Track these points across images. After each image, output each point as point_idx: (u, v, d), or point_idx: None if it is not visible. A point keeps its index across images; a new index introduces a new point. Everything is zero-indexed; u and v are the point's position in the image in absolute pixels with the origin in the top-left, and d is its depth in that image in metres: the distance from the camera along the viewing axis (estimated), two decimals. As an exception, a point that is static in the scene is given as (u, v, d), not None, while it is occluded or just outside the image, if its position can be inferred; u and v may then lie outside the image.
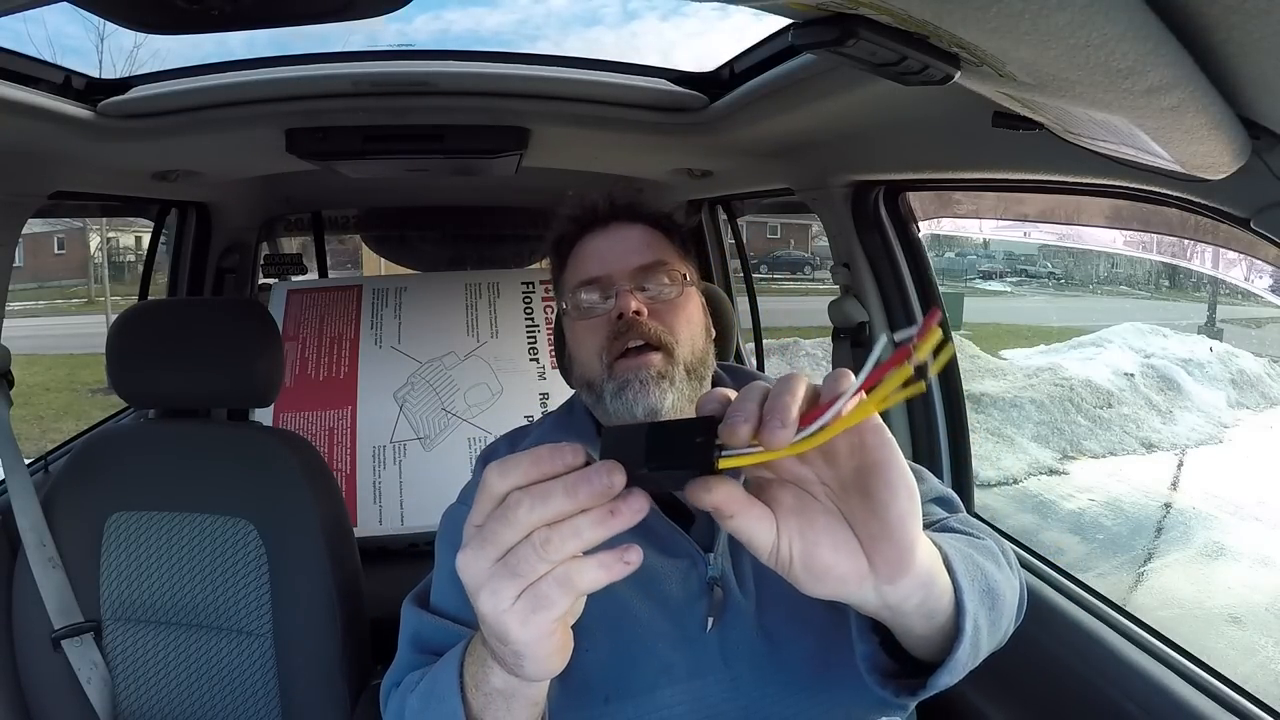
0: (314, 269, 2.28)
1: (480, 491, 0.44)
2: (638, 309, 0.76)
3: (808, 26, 0.45)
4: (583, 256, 0.82)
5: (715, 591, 0.71)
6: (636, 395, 0.73)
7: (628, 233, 0.82)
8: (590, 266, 0.81)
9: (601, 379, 0.76)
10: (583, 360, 0.79)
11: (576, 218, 0.85)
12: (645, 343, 0.75)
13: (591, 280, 0.79)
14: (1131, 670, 0.86)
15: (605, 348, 0.76)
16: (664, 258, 0.81)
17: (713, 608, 0.71)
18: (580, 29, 31.84)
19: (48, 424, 6.68)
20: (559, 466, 0.43)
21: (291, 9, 0.47)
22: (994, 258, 11.22)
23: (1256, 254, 0.76)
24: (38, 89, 0.91)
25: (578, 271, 0.82)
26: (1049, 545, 4.20)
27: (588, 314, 0.79)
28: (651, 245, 0.81)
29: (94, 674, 1.01)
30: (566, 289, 0.82)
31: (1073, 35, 0.37)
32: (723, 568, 0.72)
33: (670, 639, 0.70)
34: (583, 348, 0.79)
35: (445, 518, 0.80)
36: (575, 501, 0.42)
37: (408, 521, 1.59)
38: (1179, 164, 0.56)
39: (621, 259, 0.80)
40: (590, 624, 0.70)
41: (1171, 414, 5.83)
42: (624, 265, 0.79)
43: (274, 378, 1.09)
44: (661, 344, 0.76)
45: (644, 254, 0.80)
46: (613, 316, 0.77)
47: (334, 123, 1.14)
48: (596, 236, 0.83)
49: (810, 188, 1.34)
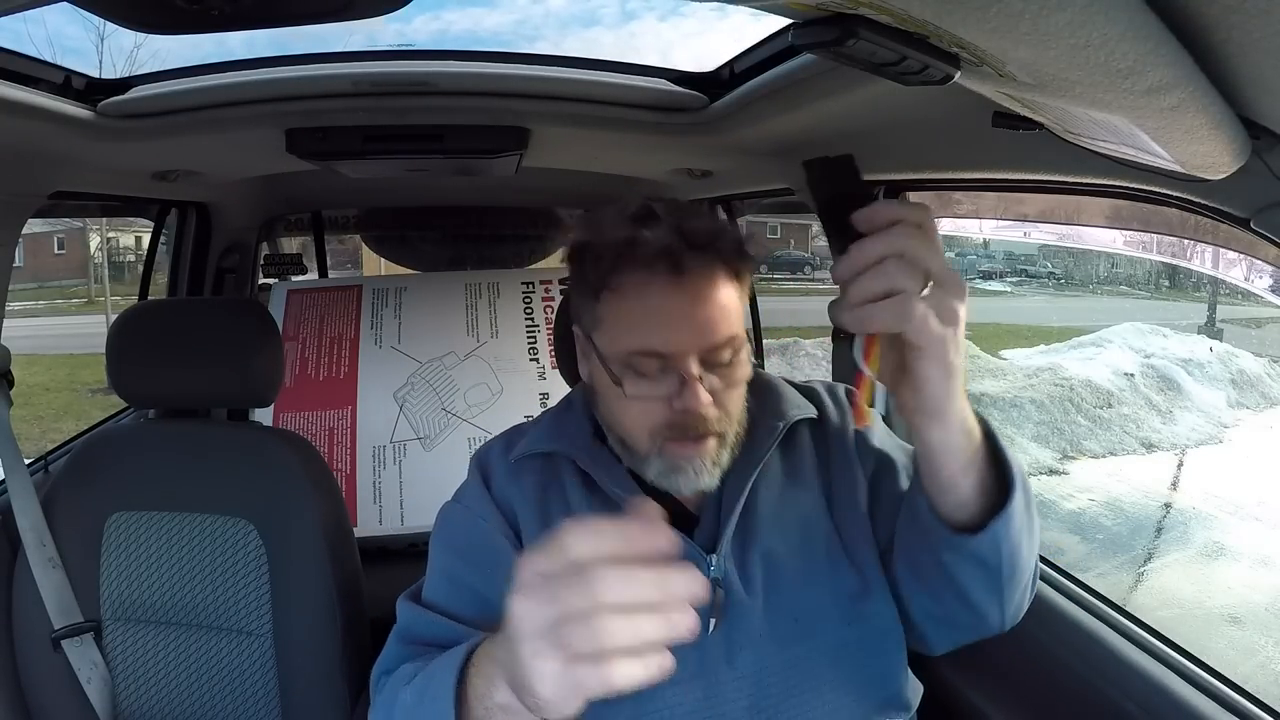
0: (314, 269, 2.28)
1: (558, 546, 0.43)
2: (708, 401, 0.67)
3: (808, 26, 0.45)
4: (640, 311, 0.67)
5: (717, 592, 0.71)
6: (686, 481, 0.70)
7: (704, 289, 0.67)
8: (652, 335, 0.66)
9: (648, 454, 0.70)
10: (627, 430, 0.71)
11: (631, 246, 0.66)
12: (704, 432, 0.69)
13: (652, 354, 0.67)
14: (1131, 670, 0.86)
15: (659, 431, 0.69)
16: (737, 326, 0.69)
17: (715, 608, 0.71)
18: (579, 29, 31.89)
19: (48, 424, 6.68)
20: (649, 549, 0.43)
21: (291, 9, 0.47)
22: (994, 258, 11.22)
23: (1256, 254, 0.76)
24: (38, 89, 0.91)
25: (632, 331, 0.67)
26: (1049, 545, 4.19)
27: (641, 392, 0.68)
28: (726, 308, 0.68)
29: (94, 674, 1.01)
30: (608, 340, 0.69)
31: (1073, 35, 0.37)
32: (725, 569, 0.72)
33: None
34: (629, 419, 0.70)
35: (441, 515, 0.80)
36: (662, 596, 0.41)
37: (408, 521, 1.59)
38: (1179, 164, 0.56)
39: (696, 334, 0.66)
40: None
41: (1171, 414, 5.83)
42: (697, 343, 0.67)
43: (274, 378, 1.09)
44: (720, 432, 0.70)
45: (720, 326, 0.67)
46: (673, 405, 0.67)
47: (334, 123, 1.14)
48: (664, 287, 0.66)
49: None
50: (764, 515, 0.74)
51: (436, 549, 0.78)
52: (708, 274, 0.67)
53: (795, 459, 0.78)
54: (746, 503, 0.73)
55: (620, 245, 0.67)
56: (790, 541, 0.74)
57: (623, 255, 0.67)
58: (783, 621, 0.72)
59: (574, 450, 0.75)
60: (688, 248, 0.66)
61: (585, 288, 0.70)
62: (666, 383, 0.67)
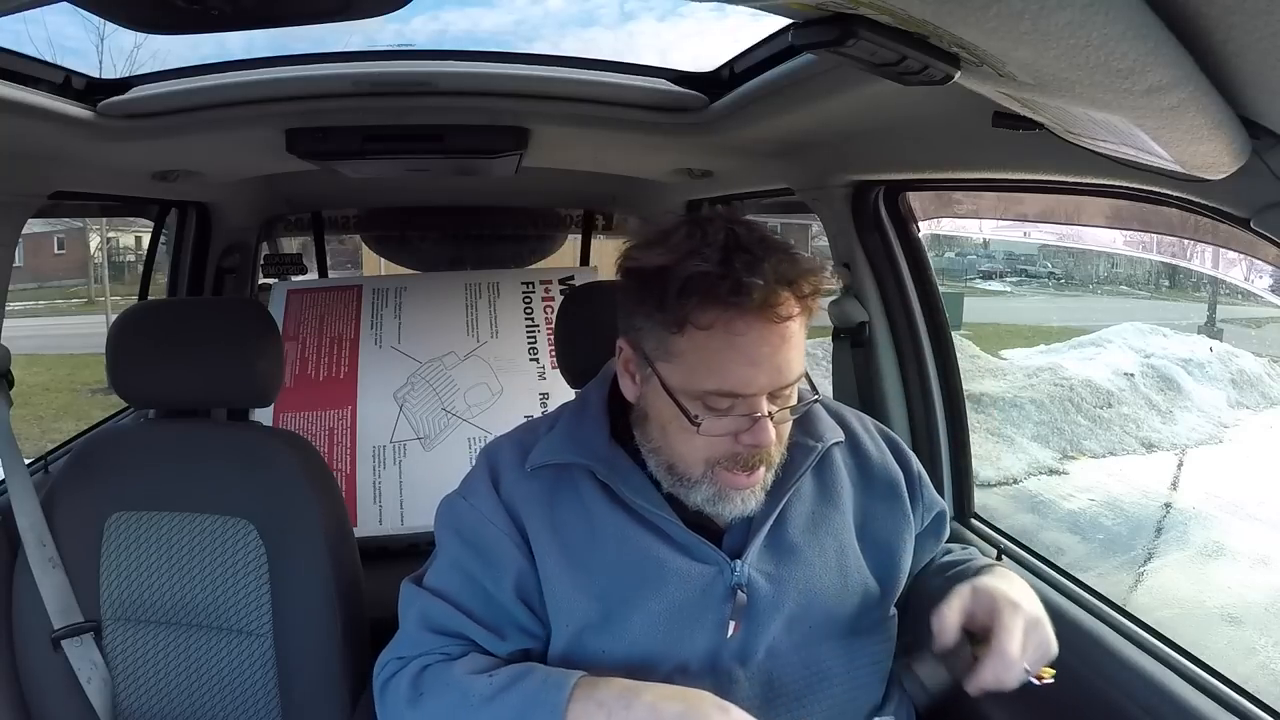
0: (314, 269, 2.28)
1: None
2: (776, 438, 0.68)
3: (808, 26, 0.45)
4: (729, 353, 0.64)
5: (738, 596, 0.72)
6: (732, 509, 0.71)
7: (792, 334, 0.66)
8: (736, 377, 0.65)
9: (697, 480, 0.70)
10: (682, 457, 0.71)
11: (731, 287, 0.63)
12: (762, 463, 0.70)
13: (729, 394, 0.66)
14: (1131, 670, 0.86)
15: (718, 460, 0.69)
16: (803, 366, 0.68)
17: (735, 611, 0.72)
18: (577, 29, 31.82)
19: (48, 424, 6.68)
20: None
21: (291, 9, 0.47)
22: (994, 258, 11.20)
23: (1256, 254, 0.76)
24: (38, 89, 0.91)
25: (717, 372, 0.65)
26: (1049, 545, 4.20)
27: (715, 430, 0.67)
28: (802, 348, 0.67)
29: (94, 674, 1.01)
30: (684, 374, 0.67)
31: (1073, 35, 0.37)
32: (749, 574, 0.73)
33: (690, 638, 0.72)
34: (690, 450, 0.70)
35: (448, 508, 0.80)
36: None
37: (408, 521, 1.59)
38: (1179, 164, 0.56)
39: (775, 376, 0.66)
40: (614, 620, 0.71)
41: (1171, 414, 5.83)
42: (774, 384, 0.66)
43: (274, 378, 1.09)
44: (773, 461, 0.71)
45: (796, 367, 0.67)
46: (740, 439, 0.67)
47: (334, 123, 1.14)
48: (760, 333, 0.64)
49: (810, 188, 1.34)
50: (794, 529, 0.76)
51: (447, 539, 0.77)
52: (799, 318, 0.66)
53: (828, 479, 0.79)
54: (778, 516, 0.75)
55: (714, 280, 0.63)
56: (816, 556, 0.76)
57: (716, 293, 0.63)
58: (800, 628, 0.74)
59: (593, 461, 0.74)
60: (789, 294, 0.64)
61: (662, 316, 0.66)
62: (737, 419, 0.67)
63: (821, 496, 0.78)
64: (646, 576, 0.71)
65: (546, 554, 0.73)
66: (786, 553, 0.75)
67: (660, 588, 0.71)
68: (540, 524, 0.74)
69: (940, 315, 1.31)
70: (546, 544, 0.73)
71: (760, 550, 0.74)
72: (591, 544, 0.73)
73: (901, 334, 1.31)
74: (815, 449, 0.77)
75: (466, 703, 0.67)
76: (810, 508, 0.77)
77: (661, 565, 0.72)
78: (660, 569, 0.72)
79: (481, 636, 0.73)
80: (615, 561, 0.72)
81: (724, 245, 0.65)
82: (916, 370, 1.31)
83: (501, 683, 0.67)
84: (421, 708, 0.70)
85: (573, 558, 0.72)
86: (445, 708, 0.69)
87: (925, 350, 1.29)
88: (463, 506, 0.78)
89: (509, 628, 0.74)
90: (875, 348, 1.33)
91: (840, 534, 0.77)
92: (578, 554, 0.73)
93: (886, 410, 1.32)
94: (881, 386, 1.33)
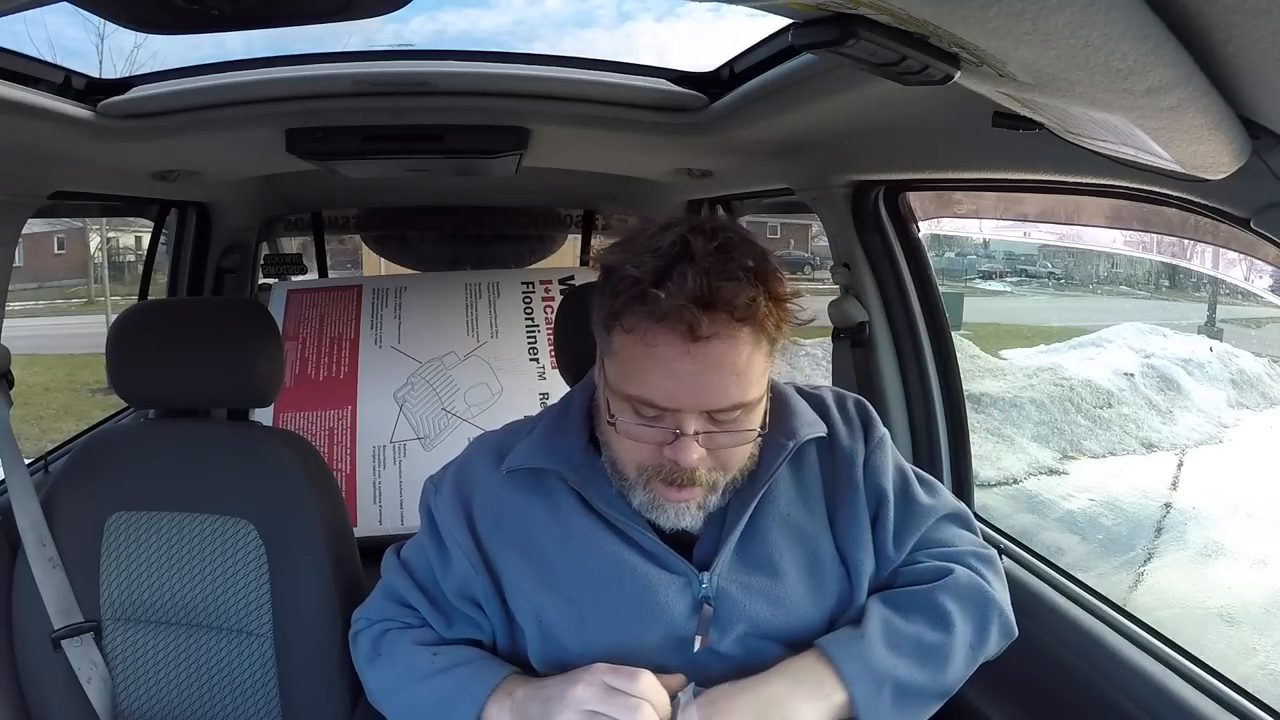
0: (314, 269, 2.28)
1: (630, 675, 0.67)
2: (699, 458, 0.66)
3: (808, 26, 0.45)
4: (649, 362, 0.63)
5: (704, 609, 0.71)
6: (666, 519, 0.71)
7: (718, 357, 0.62)
8: (655, 389, 0.64)
9: (633, 484, 0.71)
10: (617, 456, 0.71)
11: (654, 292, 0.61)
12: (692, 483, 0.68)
13: (650, 403, 0.65)
14: (1131, 670, 0.86)
15: (646, 468, 0.69)
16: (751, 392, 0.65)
17: (701, 624, 0.72)
18: (575, 30, 31.84)
19: (48, 424, 6.68)
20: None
21: (291, 9, 0.47)
22: (994, 258, 11.19)
23: (1256, 254, 0.76)
24: (38, 89, 0.91)
25: (637, 379, 0.65)
26: (1049, 545, 4.20)
27: (633, 434, 0.67)
28: (742, 375, 0.64)
29: (94, 674, 1.01)
30: (616, 373, 0.67)
31: (1073, 35, 0.37)
32: (717, 586, 0.72)
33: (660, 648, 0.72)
34: (619, 448, 0.70)
35: (428, 482, 0.83)
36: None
37: (408, 521, 1.59)
38: (1179, 164, 0.56)
39: (700, 397, 0.63)
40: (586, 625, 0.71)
41: (1171, 414, 5.82)
42: (700, 405, 0.64)
43: (274, 378, 1.09)
44: (707, 484, 0.69)
45: (729, 392, 0.64)
46: (664, 453, 0.66)
47: (334, 123, 1.14)
48: (675, 346, 0.62)
49: (810, 188, 1.34)
50: (767, 533, 0.74)
51: (424, 517, 0.81)
52: (728, 340, 0.62)
53: (803, 477, 0.78)
54: (750, 521, 0.73)
55: (644, 284, 0.61)
56: (791, 560, 0.74)
57: (643, 298, 0.61)
58: (773, 640, 0.73)
59: (565, 468, 0.74)
60: (707, 311, 0.60)
61: (604, 310, 0.66)
62: (661, 431, 0.65)
63: (796, 496, 0.76)
64: (613, 582, 0.72)
65: (512, 556, 0.75)
66: (757, 563, 0.73)
67: (626, 593, 0.72)
68: (509, 527, 0.76)
69: (940, 315, 1.31)
70: (514, 546, 0.75)
71: (730, 560, 0.73)
72: (563, 548, 0.74)
73: (901, 334, 1.31)
74: (787, 448, 0.74)
75: (410, 675, 0.75)
76: (784, 509, 0.75)
77: (631, 571, 0.72)
78: (629, 575, 0.72)
79: (432, 618, 0.79)
80: (584, 566, 0.73)
81: (672, 253, 0.62)
82: (916, 370, 1.31)
83: (442, 664, 0.74)
84: (376, 668, 0.79)
85: (541, 560, 0.74)
86: (393, 675, 0.77)
87: (925, 350, 1.29)
88: (434, 494, 0.81)
89: (455, 616, 0.78)
90: (875, 348, 1.33)
91: (814, 535, 0.75)
92: (547, 557, 0.74)
93: (887, 410, 1.32)
94: (881, 386, 1.33)
